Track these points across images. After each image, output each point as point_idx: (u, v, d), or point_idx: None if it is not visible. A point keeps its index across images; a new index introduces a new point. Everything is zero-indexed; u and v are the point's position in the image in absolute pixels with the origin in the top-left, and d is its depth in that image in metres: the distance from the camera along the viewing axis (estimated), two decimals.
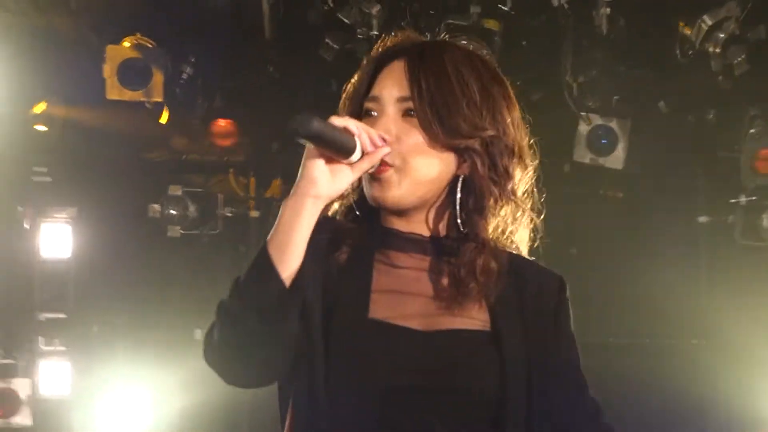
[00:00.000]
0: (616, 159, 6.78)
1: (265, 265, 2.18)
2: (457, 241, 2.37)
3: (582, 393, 2.46)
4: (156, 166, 7.06)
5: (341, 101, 2.41)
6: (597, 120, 6.71)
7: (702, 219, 7.39)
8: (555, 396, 2.38)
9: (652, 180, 7.08)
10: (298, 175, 2.20)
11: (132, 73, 6.41)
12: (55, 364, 7.33)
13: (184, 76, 6.62)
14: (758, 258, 7.18)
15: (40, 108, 6.83)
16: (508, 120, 2.37)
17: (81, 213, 7.32)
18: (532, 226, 2.47)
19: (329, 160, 2.20)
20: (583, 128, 6.74)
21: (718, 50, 5.93)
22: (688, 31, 5.92)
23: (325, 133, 2.15)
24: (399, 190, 2.32)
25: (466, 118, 2.31)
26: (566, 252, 7.36)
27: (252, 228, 7.19)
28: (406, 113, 2.33)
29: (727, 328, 7.39)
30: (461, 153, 2.34)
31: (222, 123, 6.86)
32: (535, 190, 2.44)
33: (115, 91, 6.43)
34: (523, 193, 2.42)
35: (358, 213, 2.40)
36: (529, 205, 2.44)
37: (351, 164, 2.22)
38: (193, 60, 6.59)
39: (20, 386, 7.13)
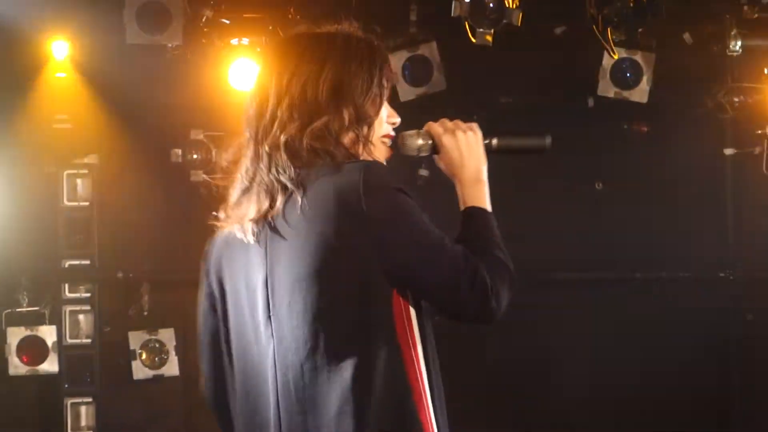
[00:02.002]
0: (641, 92, 6.71)
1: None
2: None
3: None
4: (177, 110, 6.99)
5: (381, 84, 2.76)
6: (622, 53, 6.62)
7: (728, 151, 7.35)
8: None
9: (677, 113, 7.03)
10: (484, 165, 2.81)
11: (152, 18, 6.35)
12: (81, 311, 7.33)
13: (204, 19, 6.54)
14: None
15: (61, 54, 6.76)
16: None
17: (103, 159, 7.28)
18: None
19: None
20: (607, 62, 6.65)
21: None
22: None
23: None
24: None
25: None
26: (591, 186, 7.34)
27: None
28: None
29: (753, 259, 7.38)
30: None
31: (242, 64, 6.75)
32: None
33: (135, 36, 6.36)
34: None
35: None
36: None
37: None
38: (212, 2, 6.51)
39: (46, 333, 7.14)
